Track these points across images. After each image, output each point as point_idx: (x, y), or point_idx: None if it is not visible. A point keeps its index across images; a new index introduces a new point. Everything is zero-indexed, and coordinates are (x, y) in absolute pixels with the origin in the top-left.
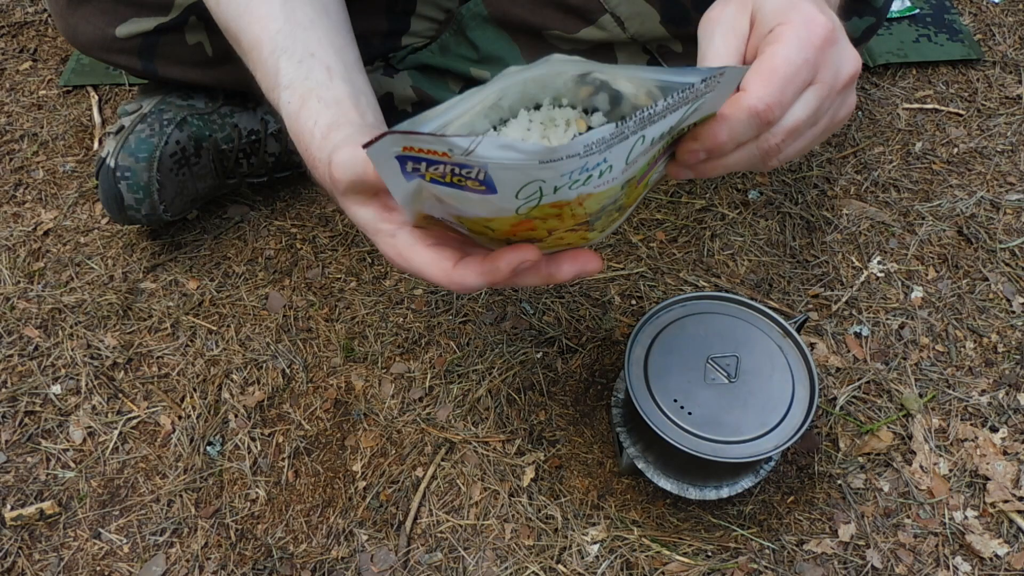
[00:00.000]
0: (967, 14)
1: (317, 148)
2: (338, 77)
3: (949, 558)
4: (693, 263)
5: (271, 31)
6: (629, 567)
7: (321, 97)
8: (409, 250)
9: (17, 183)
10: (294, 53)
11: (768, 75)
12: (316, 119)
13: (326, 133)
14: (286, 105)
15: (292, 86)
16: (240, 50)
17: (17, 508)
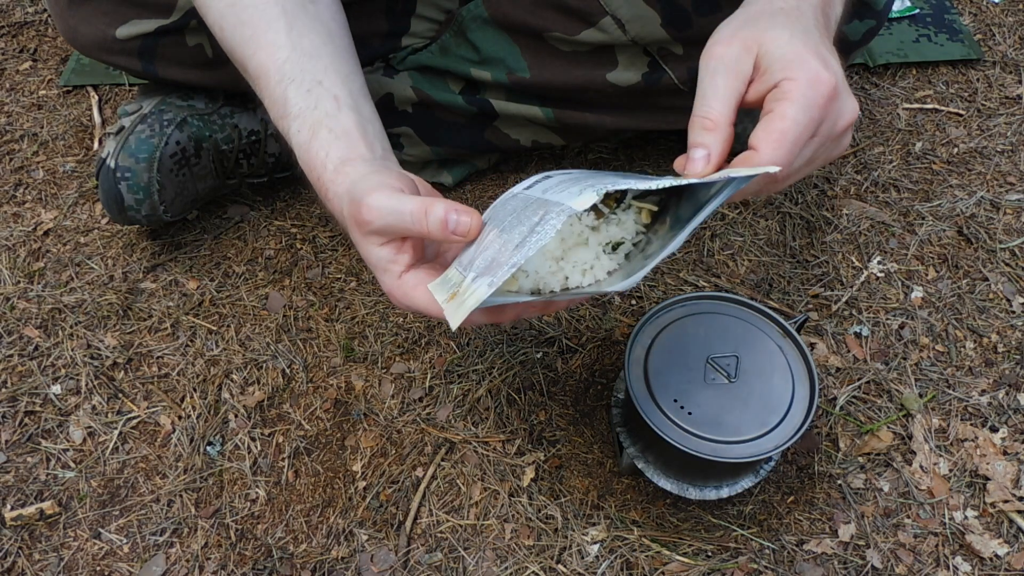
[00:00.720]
0: (967, 14)
1: (330, 180)
2: (345, 107)
3: (949, 558)
4: (693, 263)
5: (278, 60)
6: (629, 567)
7: (331, 128)
8: (414, 290)
9: (17, 183)
10: (302, 83)
11: (779, 139)
12: (328, 151)
13: (339, 167)
14: (296, 135)
15: (301, 116)
16: (247, 76)
17: (17, 508)
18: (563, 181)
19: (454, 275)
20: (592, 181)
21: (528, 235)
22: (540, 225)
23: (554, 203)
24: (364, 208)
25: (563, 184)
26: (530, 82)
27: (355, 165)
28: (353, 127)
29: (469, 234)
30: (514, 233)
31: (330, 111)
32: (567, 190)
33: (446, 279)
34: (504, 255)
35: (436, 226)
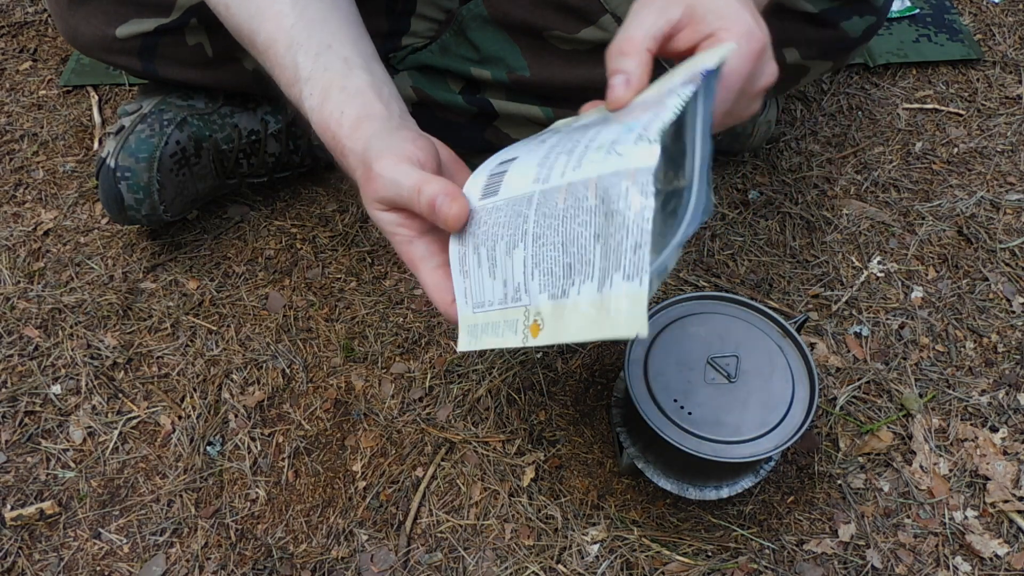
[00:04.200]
0: (967, 14)
1: (346, 138)
2: (357, 67)
3: (949, 558)
4: (693, 263)
5: (285, 27)
6: (629, 567)
7: (343, 87)
8: (420, 263)
9: (17, 183)
10: (310, 47)
11: (725, 87)
12: (342, 109)
13: (355, 124)
14: (308, 98)
15: (312, 79)
16: (256, 51)
17: (17, 508)
18: (549, 153)
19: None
20: (592, 139)
21: (619, 214)
22: (625, 199)
23: (608, 176)
24: (372, 174)
25: (555, 154)
26: (530, 81)
27: (372, 122)
28: (367, 86)
29: (447, 223)
30: (579, 228)
31: (342, 71)
32: (586, 155)
33: (475, 329)
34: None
35: (426, 205)
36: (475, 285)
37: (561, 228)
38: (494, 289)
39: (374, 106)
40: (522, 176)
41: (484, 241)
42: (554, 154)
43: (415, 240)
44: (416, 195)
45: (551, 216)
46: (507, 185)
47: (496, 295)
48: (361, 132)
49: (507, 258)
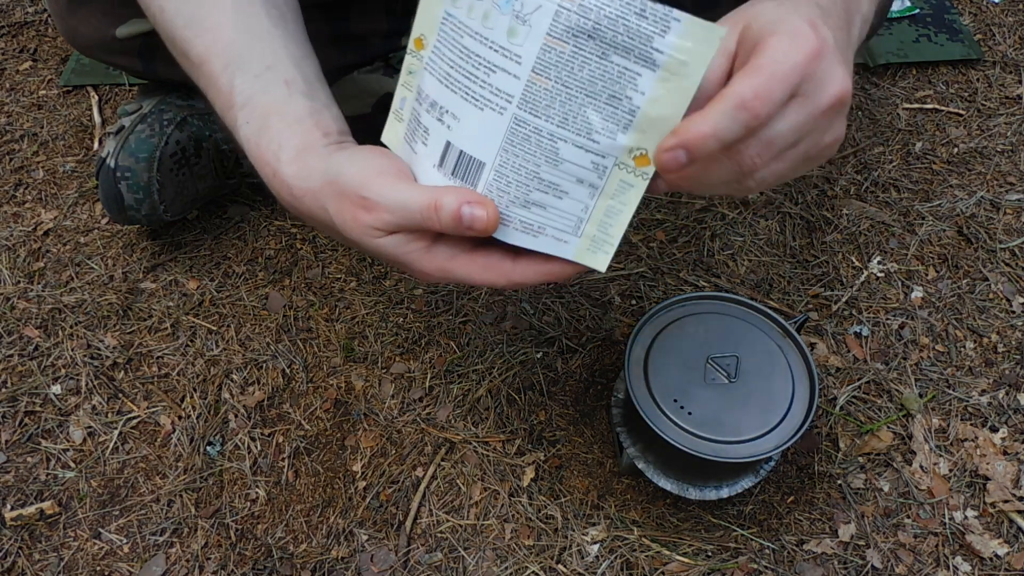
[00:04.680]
0: (967, 14)
1: (289, 175)
2: (297, 92)
3: (949, 558)
4: (693, 263)
5: (223, 42)
6: (629, 567)
7: (282, 115)
8: (451, 262)
9: (17, 183)
10: (250, 68)
11: (755, 70)
12: (280, 142)
13: (296, 158)
14: (243, 127)
15: (249, 104)
16: (188, 64)
17: (17, 508)
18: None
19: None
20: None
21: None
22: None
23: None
24: (367, 202)
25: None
26: None
27: (313, 153)
28: (306, 114)
29: (487, 229)
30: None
31: (281, 97)
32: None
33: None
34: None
35: (449, 221)
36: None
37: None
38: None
39: (313, 134)
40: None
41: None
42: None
43: (432, 247)
44: (434, 213)
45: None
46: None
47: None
48: (307, 166)
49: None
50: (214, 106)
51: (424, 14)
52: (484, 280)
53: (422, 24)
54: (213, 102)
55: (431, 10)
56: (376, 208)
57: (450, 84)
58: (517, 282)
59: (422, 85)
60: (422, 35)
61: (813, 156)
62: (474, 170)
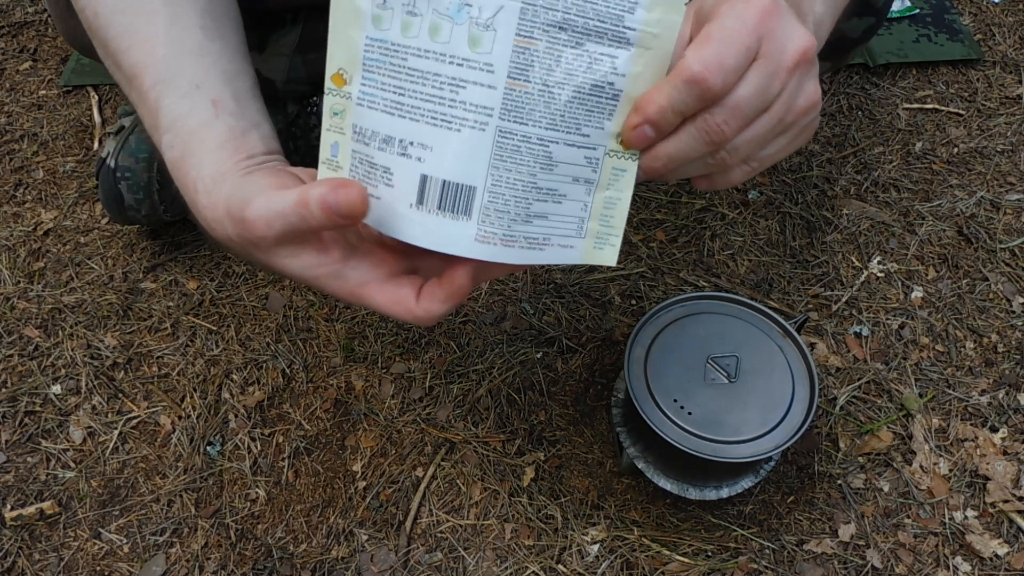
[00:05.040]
0: (967, 14)
1: (205, 206)
2: (225, 112)
3: (949, 558)
4: (693, 263)
5: (155, 57)
6: (629, 567)
7: (204, 140)
8: (363, 289)
9: (17, 183)
10: (178, 87)
11: (703, 40)
12: (199, 170)
13: (210, 186)
14: (168, 150)
15: (174, 127)
16: (120, 76)
17: (17, 508)
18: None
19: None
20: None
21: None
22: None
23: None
24: (249, 225)
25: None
26: None
27: (225, 180)
28: (229, 137)
29: (353, 209)
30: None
31: (206, 120)
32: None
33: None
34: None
35: (319, 212)
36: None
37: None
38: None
39: (234, 158)
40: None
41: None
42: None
43: (343, 272)
44: (305, 208)
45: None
46: None
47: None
48: (216, 193)
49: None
50: (143, 122)
51: (339, 46)
52: (393, 313)
53: (339, 57)
54: (143, 119)
55: (346, 40)
56: (256, 226)
57: (406, 113)
58: (420, 317)
59: (360, 123)
60: (341, 70)
61: (790, 123)
62: (465, 198)
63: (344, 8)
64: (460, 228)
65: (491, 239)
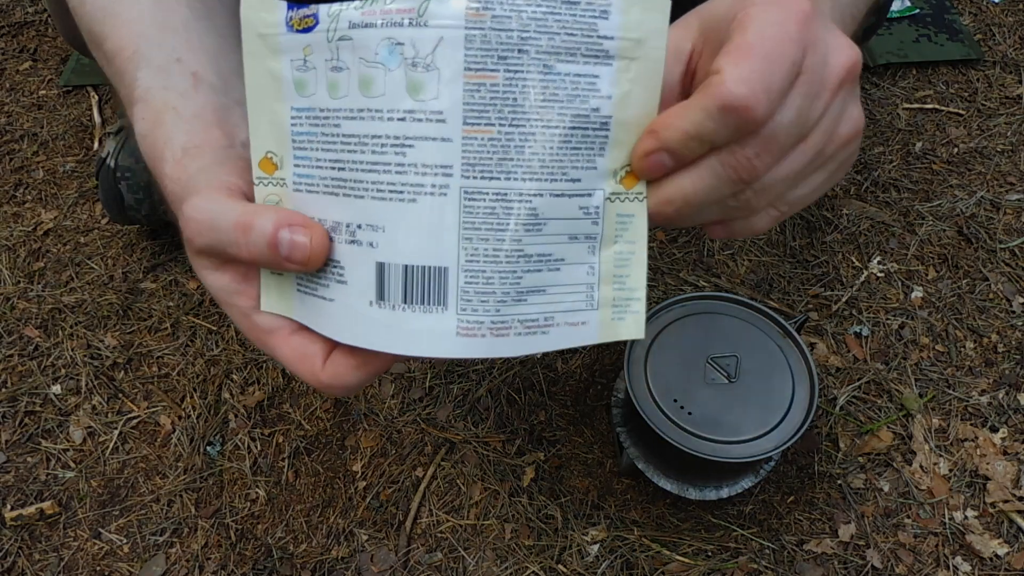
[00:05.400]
0: (967, 14)
1: (168, 177)
2: (206, 85)
3: (949, 558)
4: (693, 263)
5: (136, 33)
6: (629, 567)
7: (179, 110)
8: (270, 337)
9: (17, 183)
10: (156, 59)
11: (742, 51)
12: (169, 137)
13: (180, 158)
14: (139, 123)
15: (146, 97)
16: (104, 61)
17: (17, 508)
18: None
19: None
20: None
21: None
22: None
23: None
24: (183, 217)
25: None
26: None
27: (202, 153)
28: (210, 109)
29: (309, 261)
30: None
31: (183, 90)
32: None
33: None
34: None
35: (261, 247)
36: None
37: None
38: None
39: (210, 133)
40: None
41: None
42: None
43: (254, 313)
44: (241, 235)
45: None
46: None
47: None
48: (185, 166)
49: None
50: (122, 104)
51: (262, 125)
52: (298, 372)
53: (265, 139)
54: (122, 100)
55: (270, 116)
56: (186, 225)
57: (350, 190)
58: (324, 383)
59: (303, 213)
60: (270, 153)
61: (830, 155)
62: (435, 284)
63: (261, 78)
64: (436, 323)
65: (477, 330)
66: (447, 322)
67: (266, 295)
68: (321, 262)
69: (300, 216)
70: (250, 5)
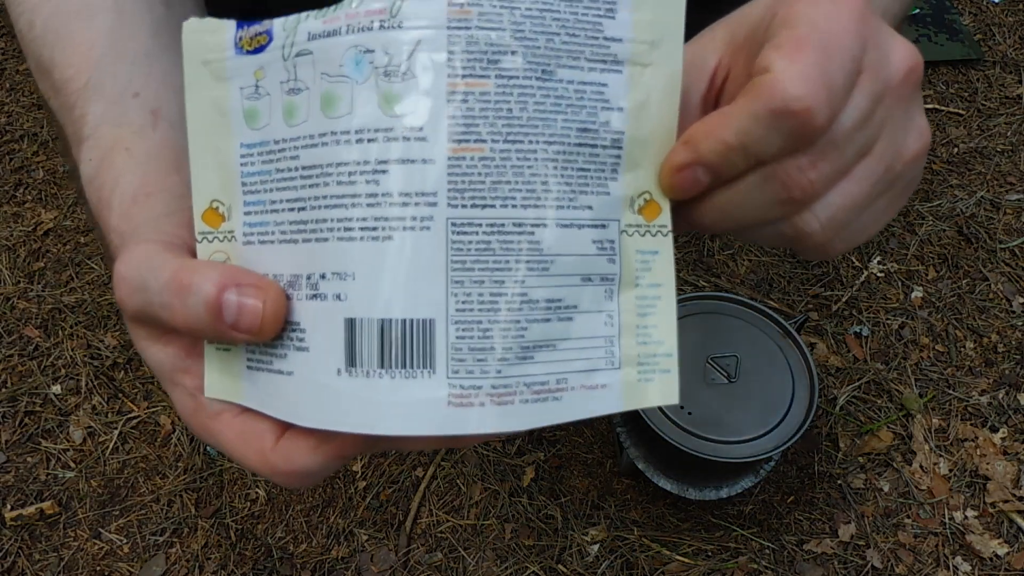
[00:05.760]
0: (967, 14)
1: (116, 231)
2: (166, 123)
3: (949, 558)
4: (693, 263)
5: (90, 61)
6: (629, 567)
7: (132, 150)
8: (213, 421)
9: (17, 183)
10: (109, 92)
11: (796, 44)
12: (117, 182)
13: (127, 207)
14: (85, 164)
15: (96, 135)
16: (51, 91)
17: (17, 508)
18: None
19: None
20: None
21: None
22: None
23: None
24: (114, 276)
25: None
26: None
27: (154, 200)
28: (168, 150)
29: (263, 331)
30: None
31: (139, 128)
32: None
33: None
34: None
35: (200, 313)
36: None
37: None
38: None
39: (167, 178)
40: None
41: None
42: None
43: (199, 395)
44: (176, 297)
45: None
46: None
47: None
48: (131, 217)
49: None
50: (68, 141)
51: (206, 170)
52: (239, 456)
53: (209, 185)
54: (69, 138)
55: (214, 157)
56: (117, 285)
57: (310, 234)
58: (275, 466)
59: (255, 269)
60: (215, 202)
61: (897, 174)
62: (421, 340)
63: (203, 113)
64: (421, 391)
65: (474, 398)
66: (436, 389)
67: (209, 375)
68: (276, 330)
69: (250, 274)
70: (192, 28)
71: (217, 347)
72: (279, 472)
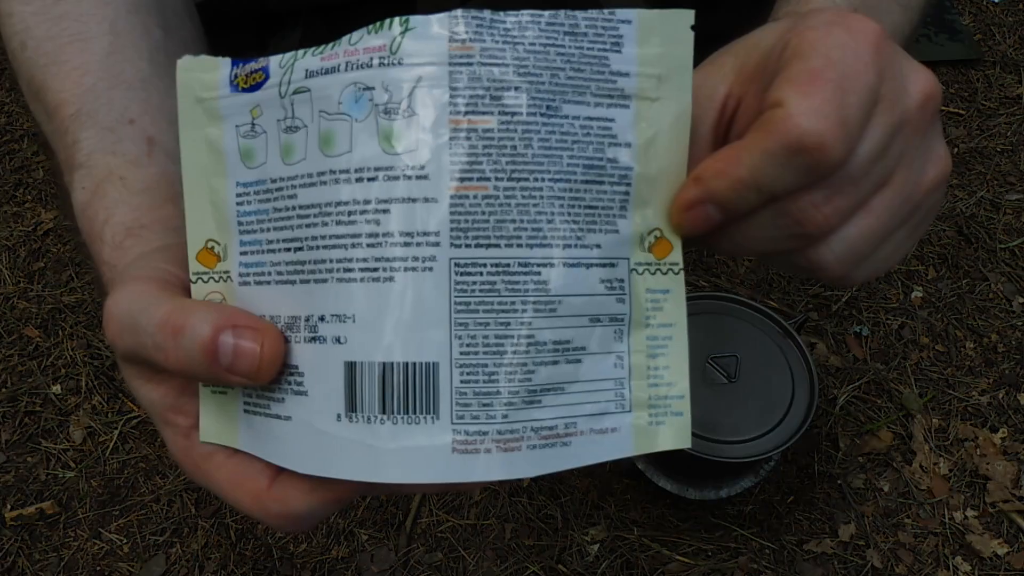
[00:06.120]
0: (967, 14)
1: (108, 264)
2: (162, 152)
3: (949, 558)
4: (693, 263)
5: (83, 87)
6: (629, 567)
7: (126, 179)
8: (206, 462)
9: (17, 183)
10: (104, 119)
11: (809, 78)
12: (110, 213)
13: (120, 240)
14: (78, 192)
15: (88, 163)
16: (43, 115)
17: (17, 508)
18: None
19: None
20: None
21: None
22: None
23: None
24: (104, 315)
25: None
26: None
27: (147, 234)
28: (164, 181)
29: (260, 373)
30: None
31: (135, 157)
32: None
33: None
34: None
35: (194, 355)
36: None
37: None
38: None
39: (161, 210)
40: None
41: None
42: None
43: (194, 433)
44: (169, 339)
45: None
46: None
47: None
48: (125, 251)
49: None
50: (60, 168)
51: (199, 210)
52: (233, 499)
53: (204, 224)
54: (61, 165)
55: (210, 197)
56: (108, 324)
57: (308, 275)
58: (270, 510)
59: (252, 311)
60: (211, 242)
61: (918, 203)
62: (424, 384)
63: (198, 152)
64: (425, 438)
65: (480, 444)
66: (439, 436)
67: (205, 419)
68: (273, 374)
69: (246, 315)
70: (186, 66)
71: (213, 390)
72: (273, 515)
